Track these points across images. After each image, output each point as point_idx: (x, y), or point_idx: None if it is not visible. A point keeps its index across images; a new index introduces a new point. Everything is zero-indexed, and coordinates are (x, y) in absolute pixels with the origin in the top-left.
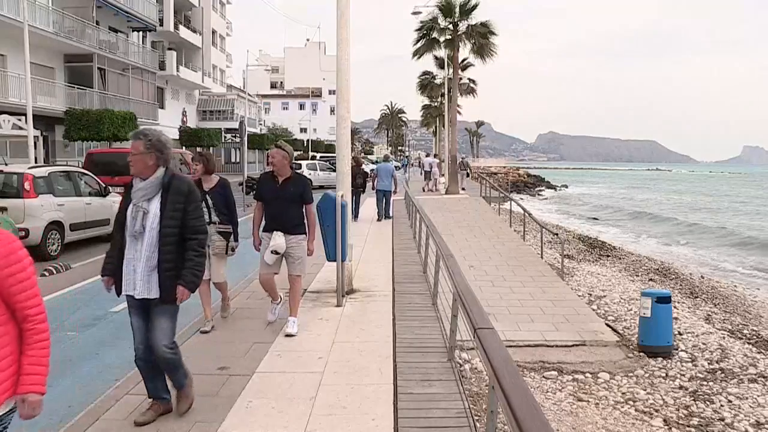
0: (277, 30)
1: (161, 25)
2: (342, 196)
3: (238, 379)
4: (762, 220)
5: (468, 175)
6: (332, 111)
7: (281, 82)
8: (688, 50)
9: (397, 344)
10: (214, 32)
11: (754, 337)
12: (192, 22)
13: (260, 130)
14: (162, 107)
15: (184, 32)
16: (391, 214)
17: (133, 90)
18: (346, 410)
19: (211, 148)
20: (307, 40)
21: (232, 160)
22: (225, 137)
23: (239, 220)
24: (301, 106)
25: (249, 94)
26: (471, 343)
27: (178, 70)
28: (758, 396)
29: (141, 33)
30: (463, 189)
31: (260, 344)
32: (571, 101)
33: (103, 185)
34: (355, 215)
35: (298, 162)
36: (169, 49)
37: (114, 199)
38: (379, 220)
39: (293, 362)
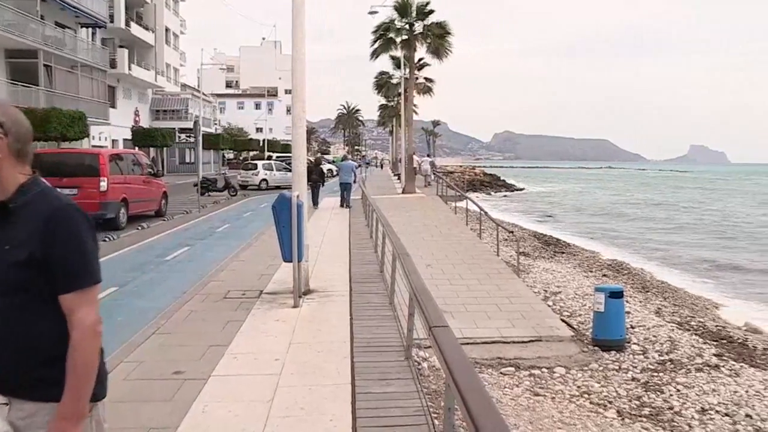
0: (232, 29)
1: (112, 21)
2: (298, 196)
3: (193, 383)
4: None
5: (435, 172)
6: (288, 111)
7: (236, 82)
8: (640, 53)
9: (355, 344)
10: (167, 30)
11: (701, 328)
12: (144, 19)
13: (215, 130)
14: (113, 106)
15: (136, 29)
16: (351, 204)
17: (82, 88)
18: (304, 411)
19: (164, 149)
20: (263, 39)
21: (187, 160)
22: (179, 137)
23: (196, 220)
24: (257, 106)
25: (204, 94)
26: (428, 341)
27: (130, 69)
28: (704, 384)
29: (90, 29)
30: (429, 184)
31: (216, 347)
32: (527, 101)
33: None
34: (315, 204)
35: (254, 162)
36: (121, 46)
37: None
38: (341, 206)
39: (250, 365)
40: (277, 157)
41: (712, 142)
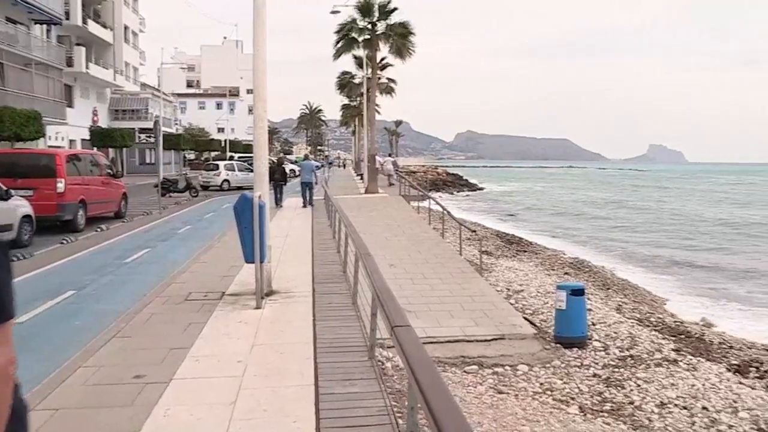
0: (193, 28)
1: (68, 18)
2: (260, 197)
3: (154, 386)
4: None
5: (397, 171)
6: (250, 110)
7: (198, 81)
8: (601, 54)
9: (318, 345)
10: (126, 28)
11: (660, 324)
12: (102, 16)
13: (176, 130)
14: (71, 106)
15: (93, 27)
16: (313, 203)
17: (37, 87)
18: (267, 413)
19: (124, 149)
20: (225, 38)
21: (147, 161)
22: (139, 137)
23: (157, 221)
24: (219, 106)
25: (164, 93)
26: (391, 341)
27: (87, 67)
28: (663, 379)
29: (45, 26)
30: (392, 184)
31: (178, 350)
32: (490, 101)
33: (5, 188)
34: (278, 203)
35: (216, 162)
36: (78, 44)
37: (18, 203)
38: (304, 206)
39: (212, 367)
40: (239, 157)
41: (670, 141)
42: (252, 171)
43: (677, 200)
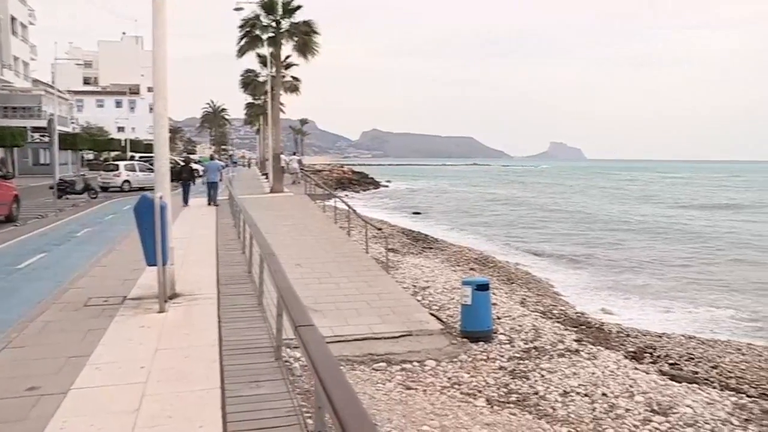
0: (89, 22)
1: None
2: (161, 198)
3: (50, 398)
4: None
5: (302, 170)
6: (152, 109)
7: (96, 78)
8: (502, 54)
9: (224, 347)
10: (13, 19)
11: (562, 316)
12: None
13: (73, 129)
14: None
15: None
16: (218, 203)
17: None
18: (172, 419)
19: (15, 149)
20: (123, 33)
21: (42, 161)
22: (32, 137)
23: (53, 224)
24: (118, 104)
25: (59, 90)
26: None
27: None
28: (565, 368)
29: None
30: (295, 183)
31: (76, 358)
32: (395, 99)
33: None
34: (186, 202)
35: (116, 163)
36: None
37: None
38: (209, 204)
39: (113, 375)
40: (140, 157)
41: (569, 139)
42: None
43: (577, 194)
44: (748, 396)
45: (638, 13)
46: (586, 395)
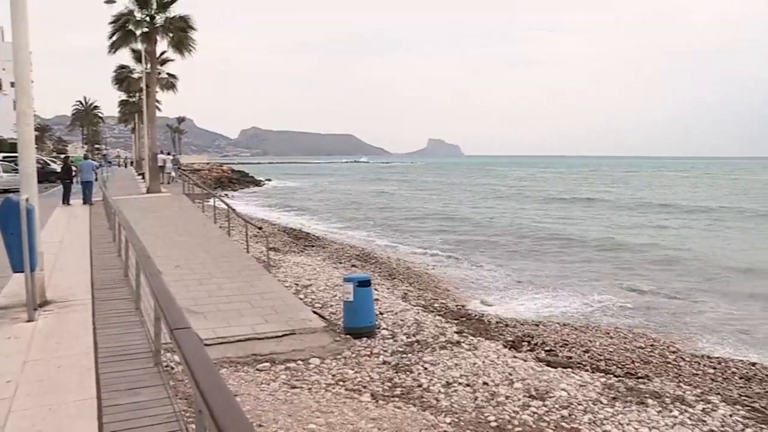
0: None
1: None
2: (27, 200)
3: None
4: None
5: (179, 169)
6: (16, 106)
7: None
8: (381, 52)
9: (100, 354)
10: None
11: (443, 309)
12: None
13: None
14: None
15: None
16: (92, 202)
17: None
18: None
19: None
20: None
21: None
22: None
23: None
24: None
25: None
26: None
27: None
28: (447, 360)
29: None
30: (171, 182)
31: None
32: (274, 97)
33: None
34: (67, 201)
35: None
36: None
37: None
38: (84, 203)
39: None
40: (5, 157)
41: (448, 136)
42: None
43: (456, 189)
44: (615, 376)
45: (511, 15)
46: (468, 385)
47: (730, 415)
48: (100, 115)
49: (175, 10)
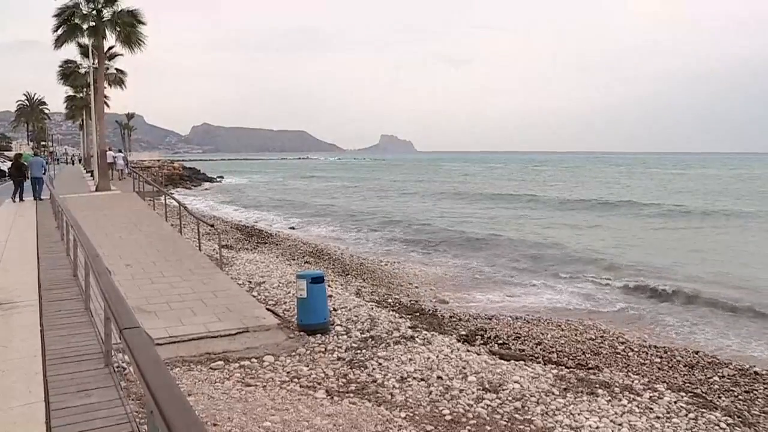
0: None
1: None
2: None
3: None
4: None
5: (127, 166)
6: None
7: None
8: (331, 48)
9: (48, 357)
10: None
11: (397, 304)
12: None
13: None
14: None
15: None
16: (42, 198)
17: None
18: None
19: None
20: None
21: None
22: None
23: None
24: None
25: None
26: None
27: None
28: (401, 355)
29: None
30: (122, 179)
31: None
32: (225, 93)
33: None
34: (20, 197)
35: None
36: None
37: None
38: (34, 199)
39: None
40: None
41: (400, 132)
42: None
43: (410, 185)
44: (566, 367)
45: (453, 13)
46: (422, 379)
47: (675, 402)
48: (46, 111)
49: (123, 4)
